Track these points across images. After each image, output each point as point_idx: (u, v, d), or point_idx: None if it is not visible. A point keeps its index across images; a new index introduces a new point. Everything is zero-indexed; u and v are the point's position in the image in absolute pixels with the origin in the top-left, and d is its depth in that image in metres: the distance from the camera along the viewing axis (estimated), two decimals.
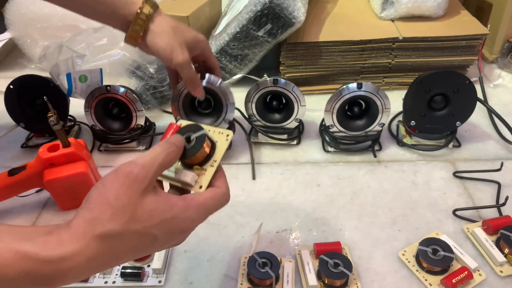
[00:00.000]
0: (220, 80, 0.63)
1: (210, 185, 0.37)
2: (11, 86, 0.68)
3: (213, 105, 0.67)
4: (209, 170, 0.38)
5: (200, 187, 0.37)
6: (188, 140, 0.38)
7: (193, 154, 0.37)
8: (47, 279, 0.31)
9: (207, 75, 0.62)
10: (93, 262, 0.31)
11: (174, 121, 0.71)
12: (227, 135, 0.39)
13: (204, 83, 0.62)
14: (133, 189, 0.32)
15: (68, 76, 0.65)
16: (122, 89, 0.67)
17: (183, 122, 0.40)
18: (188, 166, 0.38)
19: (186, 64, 0.56)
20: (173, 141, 0.37)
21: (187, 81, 0.59)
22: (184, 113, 0.67)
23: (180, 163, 0.39)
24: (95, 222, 0.31)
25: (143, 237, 0.33)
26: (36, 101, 0.70)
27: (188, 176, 0.37)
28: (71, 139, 0.57)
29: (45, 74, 0.70)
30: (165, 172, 0.38)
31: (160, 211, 0.33)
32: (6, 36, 0.93)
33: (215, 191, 0.37)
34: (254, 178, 0.61)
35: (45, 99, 0.55)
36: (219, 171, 0.38)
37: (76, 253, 0.31)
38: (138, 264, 0.51)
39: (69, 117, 0.74)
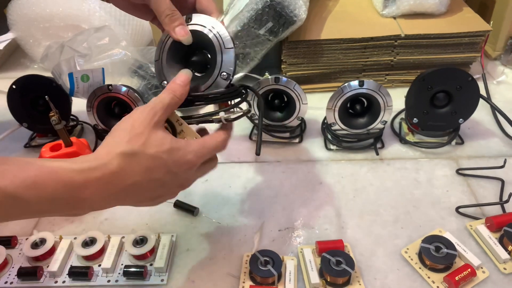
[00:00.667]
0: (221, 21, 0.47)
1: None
2: (14, 86, 0.68)
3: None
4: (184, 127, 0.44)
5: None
6: None
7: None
8: (80, 189, 0.36)
9: (195, 15, 0.46)
10: (115, 176, 0.37)
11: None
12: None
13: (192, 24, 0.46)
14: (145, 122, 0.39)
15: (70, 75, 0.65)
16: (124, 89, 0.67)
17: None
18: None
19: None
20: (178, 81, 0.43)
21: (160, 14, 0.45)
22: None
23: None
24: (116, 144, 0.38)
25: (155, 159, 0.39)
26: (39, 101, 0.70)
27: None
28: (73, 139, 0.57)
29: (48, 74, 0.70)
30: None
31: (169, 140, 0.40)
32: (9, 36, 0.94)
33: (214, 134, 0.44)
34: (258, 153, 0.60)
35: (47, 99, 0.56)
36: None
37: (102, 165, 0.37)
38: (140, 263, 0.51)
39: (71, 116, 0.75)
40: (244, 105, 0.49)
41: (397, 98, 0.65)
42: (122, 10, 0.52)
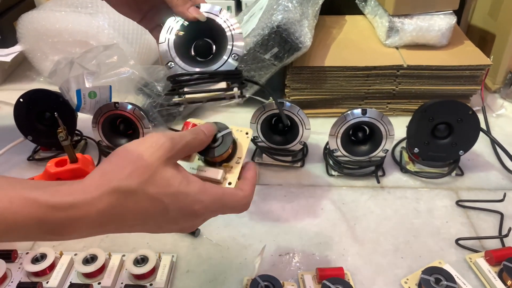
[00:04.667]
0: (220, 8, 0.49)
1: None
2: (21, 100, 0.69)
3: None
4: (236, 167, 0.39)
5: (229, 183, 0.38)
6: (213, 139, 0.40)
7: (223, 152, 0.39)
8: (57, 227, 0.31)
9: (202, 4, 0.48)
10: (102, 216, 0.31)
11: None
12: (247, 133, 0.41)
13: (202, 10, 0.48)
14: (157, 154, 0.33)
15: (78, 92, 0.66)
16: (130, 106, 0.67)
17: (195, 121, 0.42)
18: (211, 164, 0.40)
19: None
20: (203, 128, 0.39)
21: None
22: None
23: (202, 160, 0.40)
24: (112, 176, 0.32)
25: (155, 202, 0.33)
26: (45, 115, 0.71)
27: (218, 174, 0.38)
28: (78, 155, 0.58)
29: (53, 88, 0.71)
30: (188, 170, 0.38)
31: (178, 182, 0.34)
32: (17, 49, 0.95)
33: (237, 191, 0.38)
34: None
35: (56, 115, 0.56)
36: (247, 173, 0.40)
37: (87, 202, 0.31)
38: (141, 283, 0.51)
39: (76, 131, 0.75)
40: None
41: (398, 127, 0.66)
42: (112, 7, 0.51)
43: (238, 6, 1.24)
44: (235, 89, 0.47)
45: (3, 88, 0.96)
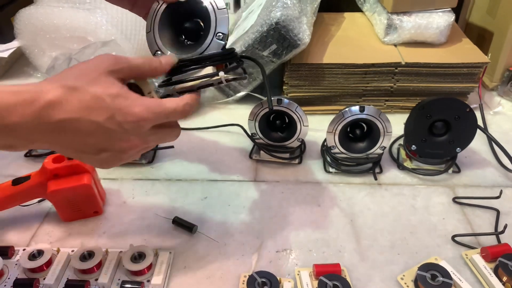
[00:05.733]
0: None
1: None
2: None
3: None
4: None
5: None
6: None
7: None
8: (9, 111, 0.33)
9: None
10: (50, 108, 0.35)
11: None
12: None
13: None
14: (102, 65, 0.38)
15: None
16: None
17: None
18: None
19: None
20: (161, 58, 0.42)
21: None
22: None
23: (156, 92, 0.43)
24: (61, 78, 0.37)
25: (97, 100, 0.36)
26: None
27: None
28: None
29: None
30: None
31: (119, 87, 0.38)
32: (14, 44, 0.95)
33: (176, 98, 0.41)
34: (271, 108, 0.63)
35: None
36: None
37: (39, 91, 0.35)
38: (138, 279, 0.51)
39: None
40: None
41: (395, 124, 0.66)
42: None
43: (237, 3, 1.24)
44: (221, 73, 0.44)
45: (0, 84, 0.96)
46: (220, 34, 0.45)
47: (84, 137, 0.37)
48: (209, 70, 0.44)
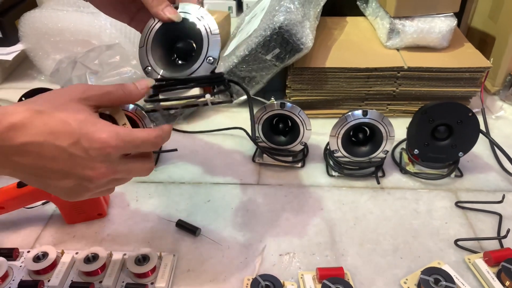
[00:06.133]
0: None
1: None
2: (23, 98, 0.69)
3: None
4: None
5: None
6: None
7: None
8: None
9: (180, 4, 0.48)
10: (13, 131, 0.34)
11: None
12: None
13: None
14: (71, 93, 0.37)
15: None
16: (131, 106, 0.68)
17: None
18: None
19: None
20: (136, 82, 0.42)
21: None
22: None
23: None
24: (29, 103, 0.36)
25: (63, 124, 0.35)
26: None
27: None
28: None
29: (54, 87, 0.71)
30: None
31: (87, 114, 0.37)
32: (18, 47, 0.95)
33: (147, 129, 0.40)
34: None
35: None
36: None
37: (3, 113, 0.34)
38: (142, 281, 0.51)
39: None
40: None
41: (398, 128, 0.67)
42: (100, 10, 0.51)
43: (239, 7, 1.25)
44: (207, 96, 0.45)
45: (4, 87, 0.96)
46: (211, 58, 0.46)
47: (47, 162, 0.35)
48: (196, 91, 0.46)
